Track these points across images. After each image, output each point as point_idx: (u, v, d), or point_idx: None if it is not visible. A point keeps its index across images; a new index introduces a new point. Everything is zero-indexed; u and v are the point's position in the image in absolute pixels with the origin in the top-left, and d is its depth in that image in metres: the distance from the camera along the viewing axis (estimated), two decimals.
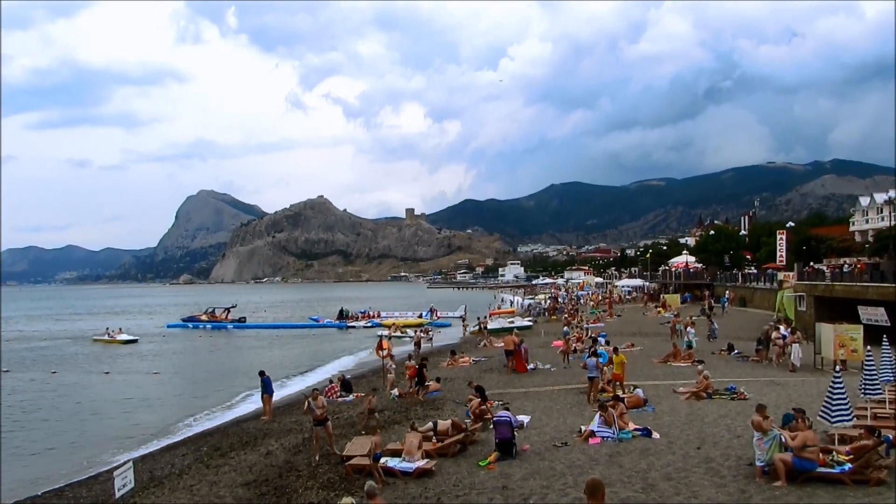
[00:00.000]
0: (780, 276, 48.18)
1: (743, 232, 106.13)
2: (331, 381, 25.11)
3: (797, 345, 24.35)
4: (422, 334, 39.74)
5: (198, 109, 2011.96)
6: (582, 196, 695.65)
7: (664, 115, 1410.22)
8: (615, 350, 21.09)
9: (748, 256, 78.10)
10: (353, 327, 61.09)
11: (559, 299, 73.83)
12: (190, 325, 66.49)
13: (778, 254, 63.06)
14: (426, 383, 21.75)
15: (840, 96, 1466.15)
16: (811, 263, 48.22)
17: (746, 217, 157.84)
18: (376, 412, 17.28)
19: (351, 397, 23.38)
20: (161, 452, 18.37)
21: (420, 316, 62.78)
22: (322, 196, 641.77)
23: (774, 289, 46.87)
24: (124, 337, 52.56)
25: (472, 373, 25.64)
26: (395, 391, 22.48)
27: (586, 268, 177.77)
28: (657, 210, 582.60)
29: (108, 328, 56.23)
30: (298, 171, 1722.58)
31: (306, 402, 15.11)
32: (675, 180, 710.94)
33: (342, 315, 67.17)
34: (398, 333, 47.80)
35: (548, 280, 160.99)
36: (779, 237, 65.14)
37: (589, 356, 20.11)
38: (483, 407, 15.99)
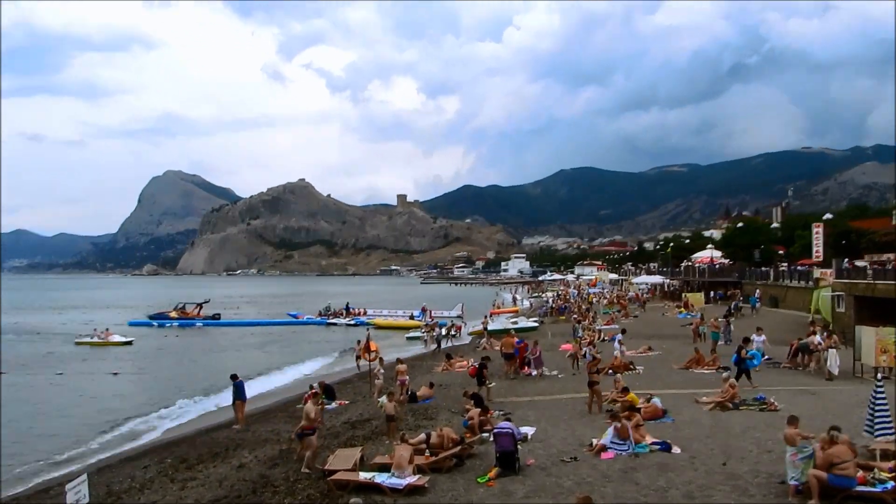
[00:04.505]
0: (817, 273, 48.26)
1: (774, 224, 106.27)
2: (311, 388, 24.93)
3: (834, 350, 24.31)
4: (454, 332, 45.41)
5: (166, 80, 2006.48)
6: (594, 183, 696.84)
7: (685, 94, 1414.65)
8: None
9: (780, 251, 78.15)
10: (335, 324, 62.19)
11: (569, 297, 74.12)
12: (155, 323, 66.18)
13: (814, 248, 63.02)
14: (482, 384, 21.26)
15: (881, 75, 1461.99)
16: (851, 259, 48.24)
17: (778, 208, 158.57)
18: (395, 419, 17.17)
19: (334, 405, 23.33)
20: (120, 464, 18.32)
21: (411, 316, 62.64)
22: (303, 179, 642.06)
23: (810, 287, 47.00)
24: (118, 338, 50.04)
25: (469, 378, 25.61)
26: (384, 398, 22.37)
27: (599, 263, 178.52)
28: (678, 199, 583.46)
29: (95, 328, 52.98)
30: (277, 150, 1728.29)
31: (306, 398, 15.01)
32: (699, 166, 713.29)
33: (328, 311, 68.30)
34: (419, 333, 46.99)
35: (556, 276, 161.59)
36: (814, 230, 65.05)
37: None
38: (483, 418, 15.94)
